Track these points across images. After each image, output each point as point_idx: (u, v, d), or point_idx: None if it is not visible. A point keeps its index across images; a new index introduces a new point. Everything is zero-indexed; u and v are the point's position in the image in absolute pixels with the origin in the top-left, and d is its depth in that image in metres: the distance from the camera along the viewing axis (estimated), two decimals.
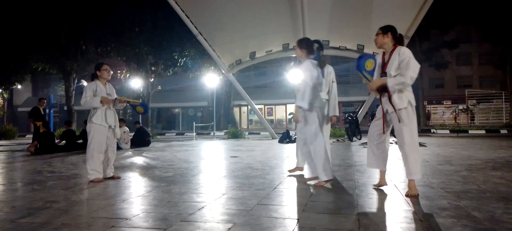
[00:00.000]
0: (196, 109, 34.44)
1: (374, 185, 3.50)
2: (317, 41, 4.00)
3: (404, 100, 3.08)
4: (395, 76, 3.09)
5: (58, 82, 27.23)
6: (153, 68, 21.76)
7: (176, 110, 35.96)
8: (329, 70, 4.49)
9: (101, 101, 4.23)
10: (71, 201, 3.09)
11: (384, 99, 3.22)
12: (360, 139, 12.00)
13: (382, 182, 3.43)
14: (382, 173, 3.44)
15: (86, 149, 4.26)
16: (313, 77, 3.64)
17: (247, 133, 18.13)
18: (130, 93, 21.21)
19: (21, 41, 17.84)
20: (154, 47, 20.09)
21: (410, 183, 3.10)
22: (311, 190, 3.40)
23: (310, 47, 3.86)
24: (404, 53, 3.09)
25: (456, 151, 7.34)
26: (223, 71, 14.66)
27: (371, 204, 2.85)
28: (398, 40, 3.22)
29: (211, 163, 5.89)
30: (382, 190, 3.35)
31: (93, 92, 4.27)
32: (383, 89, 3.14)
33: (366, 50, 11.95)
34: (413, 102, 3.11)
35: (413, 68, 3.01)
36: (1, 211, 2.74)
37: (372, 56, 3.45)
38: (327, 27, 12.19)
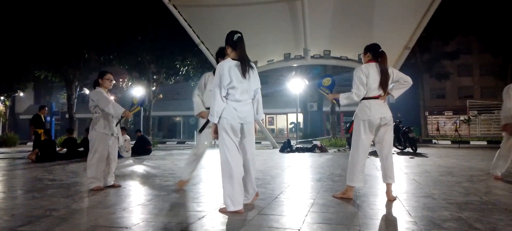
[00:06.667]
0: (198, 118, 34.44)
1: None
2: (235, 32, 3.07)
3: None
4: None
5: (60, 90, 27.36)
6: (155, 77, 21.83)
7: (178, 119, 36.01)
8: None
9: (123, 115, 4.23)
10: (71, 209, 3.08)
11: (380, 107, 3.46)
12: None
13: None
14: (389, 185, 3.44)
15: (88, 157, 4.26)
16: (222, 82, 2.95)
17: None
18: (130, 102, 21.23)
19: (24, 49, 17.96)
20: (156, 56, 20.18)
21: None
22: (312, 201, 3.39)
23: (231, 41, 3.05)
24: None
25: (458, 162, 7.32)
26: None
27: (373, 214, 2.83)
28: (373, 56, 3.56)
29: (211, 172, 5.87)
30: (383, 201, 3.34)
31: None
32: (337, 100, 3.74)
33: None
34: (360, 116, 3.50)
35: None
36: (0, 219, 2.74)
37: (330, 75, 4.24)
38: (328, 38, 12.25)
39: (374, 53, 3.52)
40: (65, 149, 9.75)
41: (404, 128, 10.96)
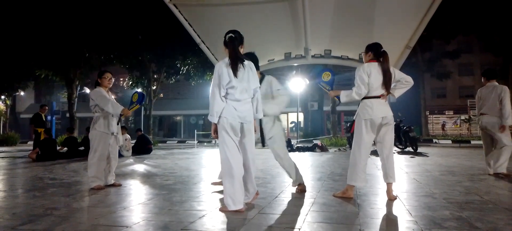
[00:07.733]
0: (198, 117, 34.51)
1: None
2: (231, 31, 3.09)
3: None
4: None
5: (61, 89, 27.36)
6: (155, 76, 21.83)
7: (178, 118, 36.04)
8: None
9: (122, 113, 4.21)
10: (72, 208, 3.08)
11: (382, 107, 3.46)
12: None
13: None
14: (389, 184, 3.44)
15: (88, 156, 4.26)
16: (221, 82, 2.93)
17: None
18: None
19: (25, 48, 17.98)
20: (156, 55, 20.19)
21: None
22: (313, 200, 3.39)
23: (224, 41, 3.08)
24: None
25: (458, 161, 7.31)
26: None
27: (373, 214, 2.83)
28: (374, 56, 3.54)
29: (212, 171, 5.87)
30: (384, 200, 3.34)
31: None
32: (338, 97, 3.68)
33: None
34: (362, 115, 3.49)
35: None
36: (1, 218, 2.74)
37: (329, 69, 4.18)
38: (329, 37, 12.19)
39: (376, 52, 3.51)
40: (65, 148, 9.77)
41: (404, 127, 10.95)
